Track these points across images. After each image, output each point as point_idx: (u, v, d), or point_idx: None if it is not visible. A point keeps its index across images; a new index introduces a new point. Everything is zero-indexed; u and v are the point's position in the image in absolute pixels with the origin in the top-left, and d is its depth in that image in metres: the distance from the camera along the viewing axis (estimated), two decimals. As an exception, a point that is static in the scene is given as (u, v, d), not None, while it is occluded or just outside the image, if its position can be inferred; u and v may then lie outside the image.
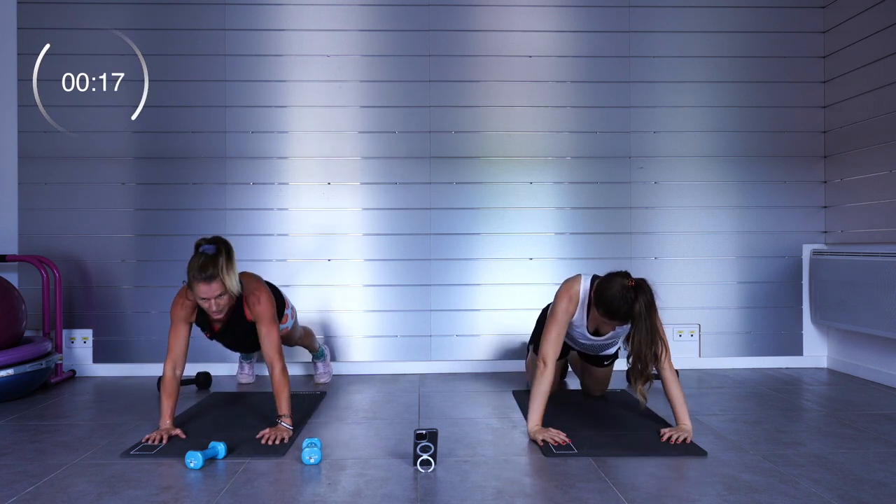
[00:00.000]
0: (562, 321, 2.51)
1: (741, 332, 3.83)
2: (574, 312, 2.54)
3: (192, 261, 2.40)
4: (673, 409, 2.43)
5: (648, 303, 2.27)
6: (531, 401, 2.46)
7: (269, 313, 2.56)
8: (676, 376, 2.44)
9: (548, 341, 2.50)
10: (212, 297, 2.39)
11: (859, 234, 3.57)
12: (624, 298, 2.28)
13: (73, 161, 3.69)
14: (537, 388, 2.44)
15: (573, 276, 2.58)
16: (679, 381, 2.45)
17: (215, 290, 2.38)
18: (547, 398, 2.46)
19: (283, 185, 3.74)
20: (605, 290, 2.34)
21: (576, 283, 2.54)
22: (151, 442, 2.36)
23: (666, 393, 2.43)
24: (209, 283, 2.37)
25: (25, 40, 3.68)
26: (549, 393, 2.46)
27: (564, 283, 2.57)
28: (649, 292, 2.28)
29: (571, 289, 2.53)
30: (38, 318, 3.61)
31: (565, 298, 2.51)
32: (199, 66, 3.72)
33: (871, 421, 2.70)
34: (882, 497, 1.91)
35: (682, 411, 2.41)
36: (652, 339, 2.27)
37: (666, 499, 1.89)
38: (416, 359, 3.75)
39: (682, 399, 2.42)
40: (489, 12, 3.78)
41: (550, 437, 2.35)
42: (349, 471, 2.13)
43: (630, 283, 2.29)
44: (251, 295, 2.55)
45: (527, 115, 3.78)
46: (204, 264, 2.36)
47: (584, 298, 2.51)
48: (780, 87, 3.84)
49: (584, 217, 3.79)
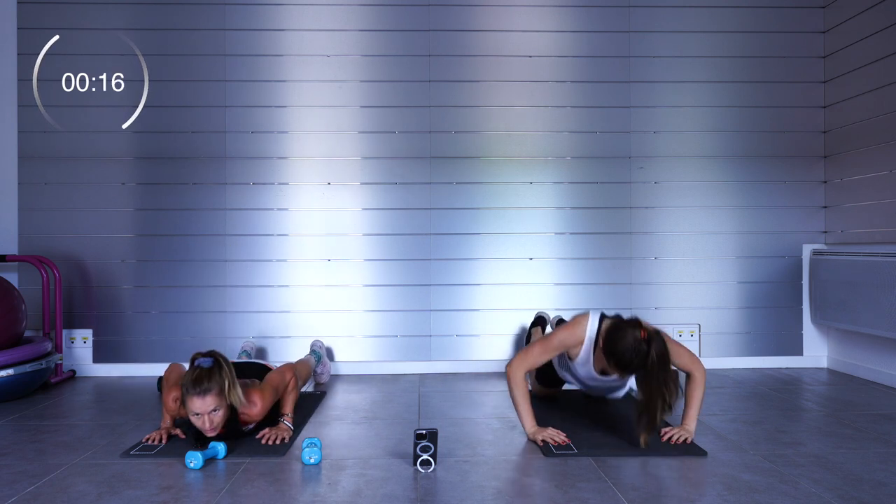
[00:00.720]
0: (552, 347, 2.42)
1: (741, 332, 3.83)
2: (575, 348, 2.42)
3: (187, 373, 2.24)
4: (686, 407, 2.42)
5: (661, 355, 2.16)
6: (517, 409, 2.45)
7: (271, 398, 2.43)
8: (703, 381, 2.40)
9: (525, 356, 2.43)
10: (205, 412, 2.20)
11: (859, 234, 3.57)
12: (637, 352, 2.16)
13: (73, 161, 3.69)
14: (515, 395, 2.43)
15: (581, 314, 2.45)
16: (703, 387, 2.40)
17: (210, 404, 2.19)
18: (529, 399, 2.45)
19: (283, 185, 3.74)
20: (616, 342, 2.22)
21: (583, 321, 2.41)
22: (151, 442, 2.37)
23: (686, 391, 2.42)
24: (203, 396, 2.18)
25: (25, 40, 3.68)
26: (528, 395, 2.44)
27: (572, 318, 2.46)
28: (662, 343, 2.17)
29: (577, 325, 2.41)
30: (38, 318, 3.61)
31: (567, 331, 2.42)
32: (199, 66, 3.72)
33: (871, 421, 2.70)
34: (882, 497, 1.91)
35: (693, 413, 2.40)
36: (665, 390, 2.16)
37: (666, 499, 1.89)
38: (416, 359, 3.75)
39: (698, 402, 2.40)
40: (489, 12, 3.78)
41: (550, 436, 2.35)
42: (349, 471, 2.13)
43: (642, 335, 2.18)
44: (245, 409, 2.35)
45: (527, 115, 3.78)
46: (198, 377, 2.19)
47: (590, 338, 2.39)
48: (780, 87, 3.84)
49: (584, 217, 3.79)
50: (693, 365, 2.40)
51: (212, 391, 2.19)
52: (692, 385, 2.40)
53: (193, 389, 2.18)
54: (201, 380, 2.19)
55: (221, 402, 2.23)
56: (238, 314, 3.69)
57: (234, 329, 3.68)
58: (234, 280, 3.69)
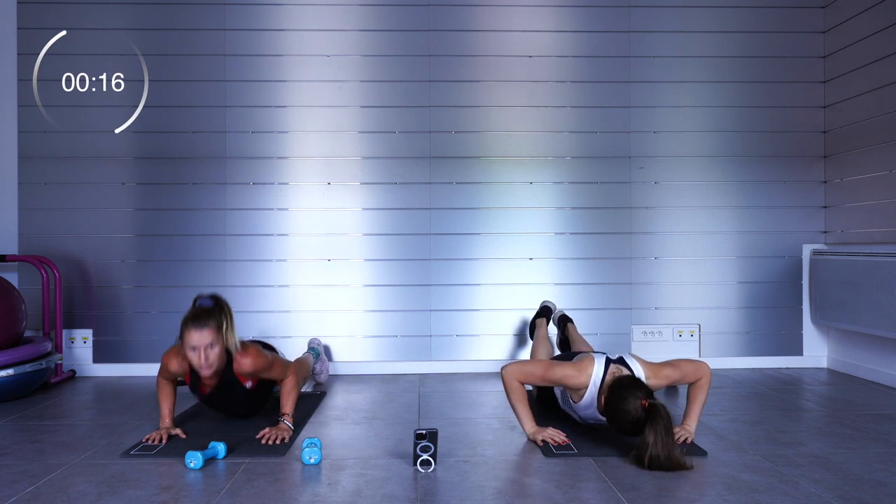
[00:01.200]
0: (553, 377, 2.38)
1: (741, 332, 3.83)
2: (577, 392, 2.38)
3: (188, 311, 2.38)
4: (687, 407, 2.41)
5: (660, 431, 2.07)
6: (515, 411, 2.45)
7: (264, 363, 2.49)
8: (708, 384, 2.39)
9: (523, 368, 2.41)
10: (202, 345, 2.29)
11: (859, 234, 3.57)
12: (635, 422, 2.13)
13: (74, 161, 3.69)
14: (512, 398, 2.43)
15: (586, 358, 2.38)
16: (707, 389, 2.39)
17: (206, 338, 2.30)
18: (527, 401, 2.44)
19: (283, 185, 3.74)
20: (617, 407, 2.17)
21: (589, 367, 2.34)
22: (151, 442, 2.37)
23: (689, 392, 2.41)
24: (200, 329, 2.29)
25: (25, 40, 3.68)
26: (526, 397, 2.44)
27: (578, 361, 2.39)
28: (664, 417, 2.07)
29: (583, 371, 2.34)
30: (38, 318, 3.61)
31: (573, 371, 2.35)
32: (199, 66, 3.72)
33: (871, 421, 2.70)
34: (882, 497, 1.91)
35: (694, 414, 2.39)
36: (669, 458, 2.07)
37: (666, 499, 1.89)
38: (416, 359, 3.75)
39: (700, 404, 2.39)
40: (489, 12, 3.78)
41: (550, 436, 2.35)
42: (349, 471, 2.13)
43: (643, 404, 2.11)
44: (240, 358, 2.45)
45: (527, 115, 3.78)
46: (198, 313, 2.34)
47: (594, 384, 2.32)
48: (780, 87, 3.84)
49: (584, 217, 3.79)
50: (697, 373, 2.38)
51: (209, 326, 2.32)
52: (696, 386, 2.39)
53: (192, 323, 2.31)
54: (200, 315, 2.33)
55: (218, 339, 2.34)
56: (238, 314, 3.62)
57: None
58: (234, 280, 3.69)
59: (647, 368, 2.34)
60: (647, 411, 2.10)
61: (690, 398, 2.41)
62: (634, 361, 2.35)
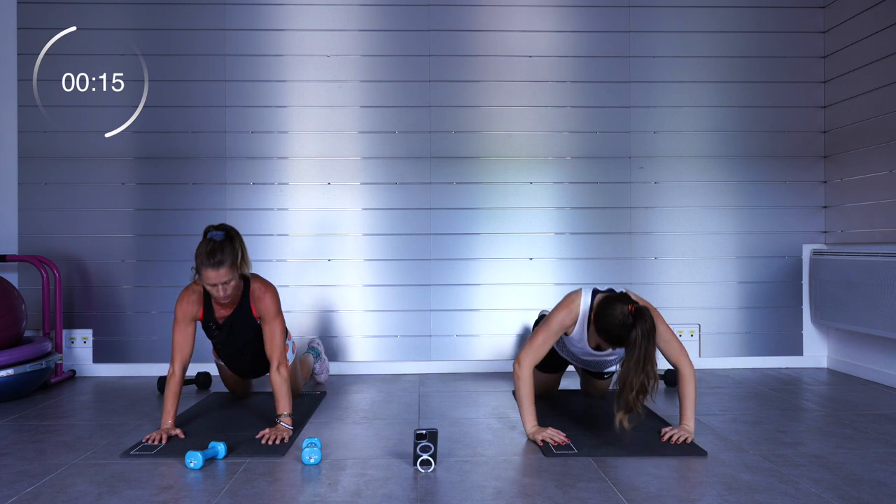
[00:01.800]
0: (553, 331, 2.45)
1: (741, 332, 3.83)
2: (571, 326, 2.47)
3: (200, 246, 2.43)
4: (681, 407, 2.42)
5: (645, 332, 2.16)
6: (520, 406, 2.45)
7: (275, 308, 2.59)
8: (693, 377, 2.41)
9: (530, 346, 2.45)
10: (220, 282, 2.42)
11: (859, 234, 3.57)
12: (622, 326, 2.22)
13: (73, 161, 3.69)
14: (520, 392, 2.44)
15: (574, 291, 2.49)
16: (694, 382, 2.41)
17: (223, 276, 2.41)
18: (534, 398, 2.45)
19: (283, 185, 3.74)
20: (604, 314, 2.28)
21: (576, 298, 2.46)
22: (151, 442, 2.36)
23: (678, 390, 2.43)
24: (217, 268, 2.39)
25: (25, 40, 3.68)
26: (533, 393, 2.45)
27: (565, 297, 2.50)
28: (649, 321, 2.18)
29: (572, 303, 2.45)
30: (38, 318, 3.61)
31: (563, 311, 2.45)
32: (199, 66, 3.72)
33: (871, 421, 2.70)
34: (882, 497, 1.91)
35: (689, 412, 2.40)
36: (642, 369, 2.16)
37: (666, 499, 1.89)
38: (416, 359, 3.75)
39: (692, 400, 2.40)
40: (489, 12, 3.78)
41: (549, 436, 2.35)
42: (349, 471, 2.13)
43: (630, 309, 2.22)
44: (257, 289, 2.59)
45: (527, 115, 3.78)
46: (212, 250, 2.39)
47: (584, 314, 2.44)
48: (780, 87, 3.84)
49: (584, 217, 3.79)
50: (681, 358, 2.42)
51: (225, 263, 2.39)
52: (683, 382, 2.41)
53: (208, 261, 2.38)
54: (214, 252, 2.38)
55: (234, 273, 2.44)
56: (238, 314, 3.69)
57: (234, 329, 3.68)
58: (234, 280, 3.68)
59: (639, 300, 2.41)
60: (634, 315, 2.19)
61: (681, 396, 2.42)
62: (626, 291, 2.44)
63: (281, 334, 2.59)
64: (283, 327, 2.61)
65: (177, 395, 2.50)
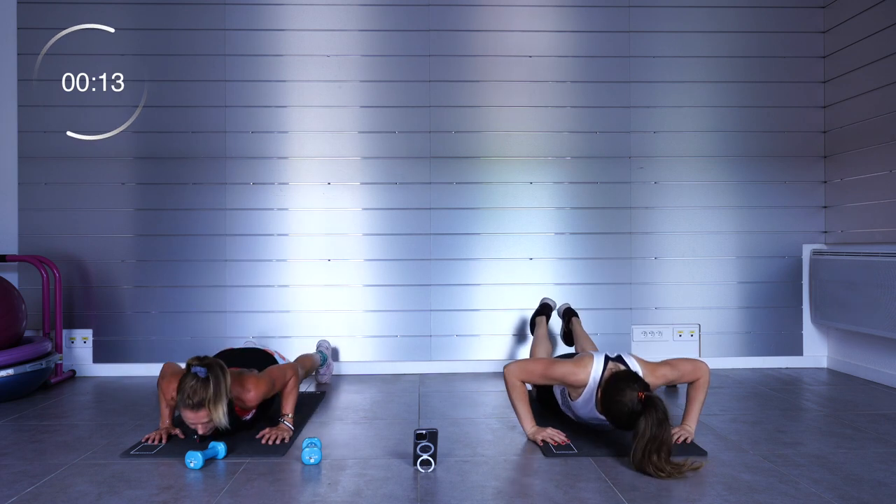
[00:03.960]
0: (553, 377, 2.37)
1: (741, 332, 3.82)
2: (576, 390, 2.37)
3: (182, 379, 2.24)
4: (687, 407, 2.41)
5: (657, 421, 2.05)
6: (516, 410, 2.45)
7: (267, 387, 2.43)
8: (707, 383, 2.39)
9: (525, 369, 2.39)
10: (198, 422, 2.24)
11: (859, 234, 3.57)
12: (630, 414, 2.13)
13: (73, 161, 3.69)
14: (514, 398, 2.43)
15: (588, 356, 2.37)
16: (707, 388, 2.39)
17: (202, 418, 2.23)
18: (528, 400, 2.44)
19: (283, 185, 3.74)
20: (612, 398, 2.19)
21: (589, 365, 2.33)
22: (151, 442, 2.37)
23: (688, 392, 2.41)
24: (196, 410, 2.21)
25: (25, 40, 3.68)
26: (527, 396, 2.44)
27: (579, 358, 2.38)
28: (660, 410, 2.06)
29: (582, 369, 2.33)
30: (38, 318, 3.61)
31: (572, 368, 2.34)
32: (199, 66, 3.72)
33: (871, 421, 2.70)
34: (882, 497, 1.91)
35: (694, 414, 2.39)
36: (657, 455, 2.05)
37: (666, 499, 1.89)
38: (416, 359, 3.75)
39: (699, 404, 2.39)
40: (489, 12, 3.78)
41: (549, 436, 2.35)
42: (349, 471, 2.13)
43: (640, 397, 2.12)
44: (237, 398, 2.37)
45: (527, 115, 3.78)
46: (193, 390, 2.19)
47: (594, 380, 2.31)
48: (780, 87, 3.84)
49: (584, 217, 3.79)
50: (696, 373, 2.38)
51: (204, 406, 2.20)
52: (695, 386, 2.39)
53: (187, 402, 2.19)
54: (195, 393, 2.19)
55: (212, 416, 2.22)
56: (238, 314, 3.69)
57: (234, 329, 3.68)
58: (234, 280, 3.69)
59: (645, 367, 2.34)
60: (643, 403, 2.09)
61: (689, 398, 2.41)
62: (632, 359, 2.35)
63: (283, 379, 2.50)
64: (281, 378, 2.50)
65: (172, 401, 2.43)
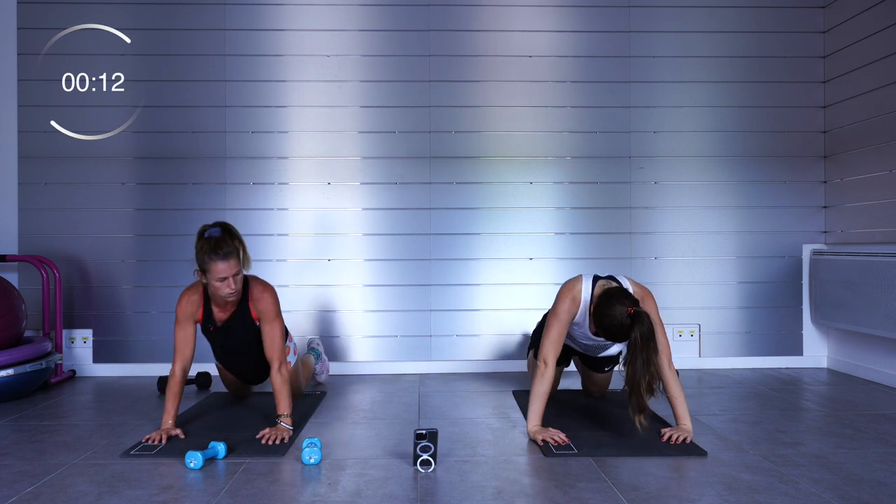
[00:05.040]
0: (563, 320, 2.50)
1: (741, 332, 3.83)
2: (576, 312, 2.51)
3: (202, 244, 2.43)
4: (673, 409, 2.43)
5: (644, 335, 2.21)
6: (531, 401, 2.46)
7: (274, 309, 2.59)
8: (677, 376, 2.44)
9: (549, 340, 2.48)
10: (230, 274, 2.42)
11: (859, 234, 3.57)
12: (620, 326, 2.28)
13: (73, 161, 3.69)
14: (537, 388, 2.44)
15: (574, 277, 2.55)
16: (679, 382, 2.45)
17: (234, 268, 2.42)
18: (546, 399, 2.46)
19: (283, 185, 3.74)
20: (603, 312, 2.33)
21: (577, 284, 2.51)
22: (151, 442, 2.36)
23: (666, 393, 2.43)
24: (227, 260, 2.40)
25: (25, 40, 3.68)
26: (548, 394, 2.46)
27: (566, 284, 2.55)
28: (647, 324, 2.22)
29: (573, 289, 2.50)
30: (38, 318, 3.61)
31: (568, 298, 2.49)
32: (199, 66, 3.72)
33: (871, 421, 2.70)
34: (882, 497, 1.91)
35: (683, 412, 2.41)
36: (646, 371, 2.21)
37: (666, 499, 1.89)
38: (416, 359, 3.75)
39: (682, 399, 2.42)
40: (489, 12, 3.78)
41: (550, 436, 2.35)
42: (349, 471, 2.13)
43: (629, 311, 2.26)
44: (256, 290, 2.59)
45: (527, 115, 3.78)
46: (218, 243, 2.40)
47: (585, 301, 2.48)
48: (780, 87, 3.84)
49: (584, 217, 3.79)
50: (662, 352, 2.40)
51: (233, 255, 2.41)
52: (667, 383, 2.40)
53: (216, 255, 2.38)
54: (220, 245, 2.40)
55: (240, 265, 2.45)
56: (238, 314, 3.69)
57: (234, 329, 3.68)
58: (234, 280, 3.68)
59: (637, 288, 2.49)
60: (632, 318, 2.24)
61: (671, 397, 2.42)
62: (625, 280, 2.51)
63: (281, 336, 2.59)
64: (282, 329, 2.62)
65: (177, 396, 2.49)
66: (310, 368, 3.28)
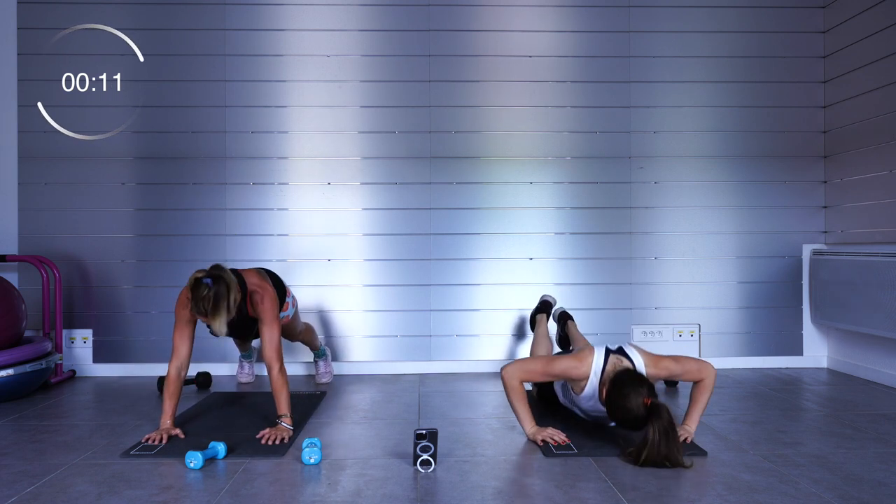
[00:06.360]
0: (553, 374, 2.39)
1: (741, 332, 3.83)
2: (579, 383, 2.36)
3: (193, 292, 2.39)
4: (689, 408, 2.39)
5: (663, 431, 2.07)
6: (515, 411, 2.43)
7: (272, 313, 2.59)
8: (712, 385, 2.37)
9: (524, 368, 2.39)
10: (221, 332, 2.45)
11: (859, 234, 3.57)
12: (636, 420, 2.14)
13: (73, 161, 3.69)
14: (513, 400, 2.41)
15: (587, 349, 2.38)
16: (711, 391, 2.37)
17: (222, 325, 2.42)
18: (527, 401, 2.43)
19: (283, 185, 3.74)
20: (617, 403, 2.17)
21: (589, 357, 2.33)
22: (151, 442, 2.36)
23: (692, 392, 2.39)
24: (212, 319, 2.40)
25: (25, 40, 3.68)
26: (526, 397, 2.42)
27: (578, 352, 2.39)
28: (666, 417, 2.08)
29: (583, 361, 2.33)
30: (38, 318, 3.61)
31: (573, 363, 2.34)
32: (199, 66, 3.72)
33: (871, 421, 2.70)
34: (882, 497, 1.91)
35: (696, 415, 2.38)
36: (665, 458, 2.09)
37: (666, 499, 1.89)
38: (416, 359, 3.75)
39: (702, 406, 2.37)
40: (489, 12, 3.78)
41: (549, 436, 2.35)
42: (349, 471, 2.13)
43: (646, 402, 2.11)
44: (255, 293, 2.61)
45: (527, 115, 3.78)
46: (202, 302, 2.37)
47: (596, 373, 2.31)
48: (780, 87, 3.84)
49: (584, 217, 3.79)
50: (700, 373, 2.36)
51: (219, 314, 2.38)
52: (699, 387, 2.37)
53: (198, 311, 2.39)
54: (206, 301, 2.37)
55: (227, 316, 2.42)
56: (238, 314, 3.69)
57: (234, 329, 3.68)
58: (234, 280, 3.69)
59: (647, 358, 2.33)
60: (649, 410, 2.10)
61: (693, 399, 2.40)
62: (634, 352, 2.34)
63: (279, 338, 2.58)
64: (279, 330, 2.61)
65: (174, 396, 2.49)
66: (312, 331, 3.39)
